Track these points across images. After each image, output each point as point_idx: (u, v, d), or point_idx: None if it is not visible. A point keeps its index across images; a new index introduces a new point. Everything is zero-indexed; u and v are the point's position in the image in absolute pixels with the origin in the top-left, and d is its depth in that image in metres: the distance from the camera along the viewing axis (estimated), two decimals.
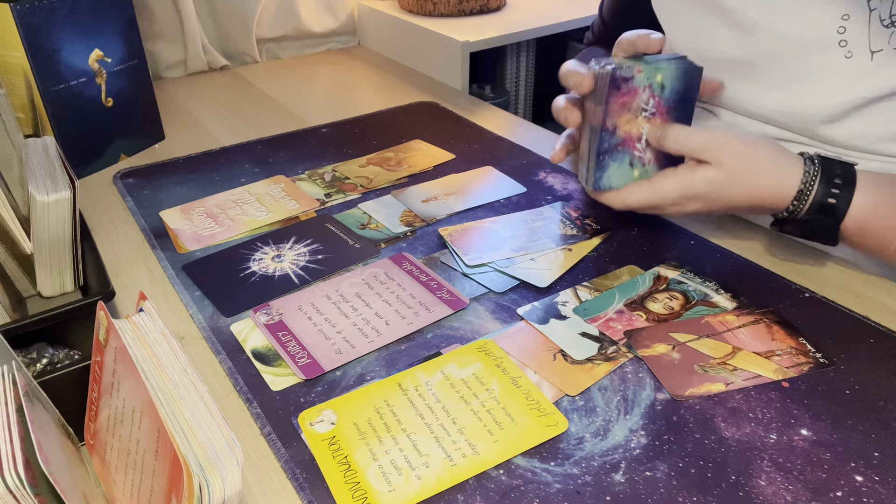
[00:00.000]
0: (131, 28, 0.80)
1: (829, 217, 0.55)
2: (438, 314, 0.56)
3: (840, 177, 0.54)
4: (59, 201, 0.53)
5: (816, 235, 0.57)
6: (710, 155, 0.56)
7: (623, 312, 0.56)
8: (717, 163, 0.56)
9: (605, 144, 0.59)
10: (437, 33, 1.09)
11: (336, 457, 0.44)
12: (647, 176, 0.60)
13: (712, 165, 0.56)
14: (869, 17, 0.55)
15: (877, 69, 0.56)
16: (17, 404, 0.34)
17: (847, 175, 0.55)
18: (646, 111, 0.59)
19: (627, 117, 0.59)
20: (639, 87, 0.58)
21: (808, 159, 0.56)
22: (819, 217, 0.55)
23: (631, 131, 0.59)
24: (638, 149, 0.60)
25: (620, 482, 0.42)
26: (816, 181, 0.55)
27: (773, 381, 0.49)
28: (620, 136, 0.59)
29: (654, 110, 0.59)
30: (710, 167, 0.56)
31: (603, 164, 0.60)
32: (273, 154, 0.84)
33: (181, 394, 0.35)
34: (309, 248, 0.65)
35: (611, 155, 0.60)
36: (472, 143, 0.86)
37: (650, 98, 0.58)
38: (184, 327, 0.56)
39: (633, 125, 0.59)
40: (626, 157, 0.60)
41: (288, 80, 1.11)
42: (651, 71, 0.57)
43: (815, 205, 0.55)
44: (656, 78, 0.58)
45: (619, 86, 0.57)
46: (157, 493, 0.34)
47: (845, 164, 0.55)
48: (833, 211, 0.54)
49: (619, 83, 0.57)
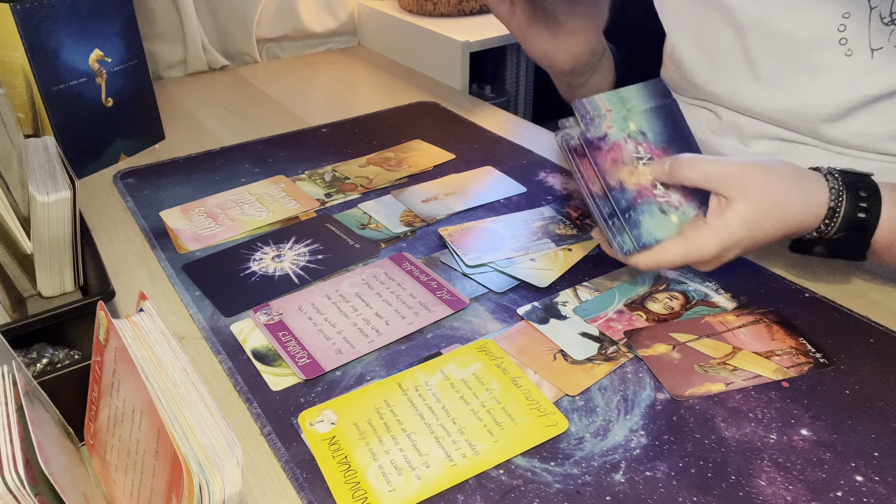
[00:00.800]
0: (131, 28, 0.80)
1: (861, 232, 0.52)
2: (438, 314, 0.56)
3: (864, 189, 0.52)
4: (59, 201, 0.53)
5: (846, 253, 0.54)
6: (733, 186, 0.51)
7: (623, 312, 0.56)
8: (744, 194, 0.51)
9: (622, 203, 0.53)
10: (437, 33, 1.09)
11: (336, 457, 0.44)
12: (686, 218, 0.54)
13: (740, 200, 0.51)
14: (869, 14, 0.55)
15: (877, 67, 0.56)
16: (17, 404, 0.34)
17: (871, 187, 0.52)
18: (642, 159, 0.54)
19: (627, 170, 0.53)
20: (618, 140, 0.53)
21: (828, 174, 0.53)
22: (850, 233, 0.52)
23: (640, 182, 0.54)
24: (659, 195, 0.54)
25: (620, 482, 0.42)
26: (844, 197, 0.51)
27: (773, 381, 0.49)
28: (633, 190, 0.54)
29: (649, 155, 0.54)
30: (739, 202, 0.51)
31: (633, 221, 0.53)
32: (273, 154, 0.84)
33: (181, 394, 0.35)
34: (309, 248, 0.65)
35: (635, 210, 0.53)
36: (472, 143, 0.86)
37: (637, 146, 0.54)
38: (184, 327, 0.56)
39: (637, 176, 0.54)
40: (654, 206, 0.54)
41: (288, 80, 1.11)
42: (621, 123, 0.53)
43: (845, 221, 0.52)
44: (630, 127, 0.53)
45: (599, 146, 0.52)
46: (157, 493, 0.34)
47: (865, 176, 0.53)
48: (864, 225, 0.52)
49: (597, 143, 0.52)
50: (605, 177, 0.53)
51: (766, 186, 0.51)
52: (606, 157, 0.53)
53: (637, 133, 0.54)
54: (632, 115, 0.54)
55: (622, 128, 0.53)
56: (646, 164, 0.54)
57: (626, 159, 0.53)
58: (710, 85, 0.68)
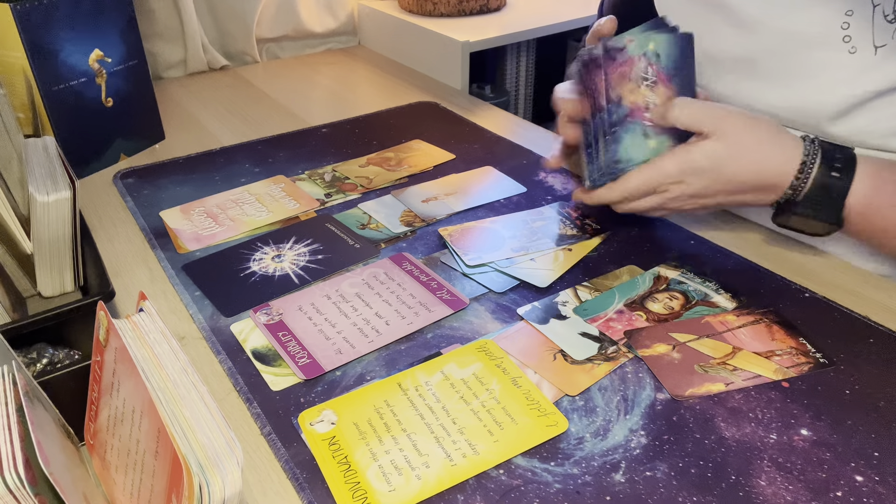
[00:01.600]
0: (131, 28, 0.80)
1: (833, 194, 0.55)
2: (438, 314, 0.56)
3: (840, 156, 0.55)
4: (59, 201, 0.53)
5: (821, 216, 0.57)
6: (713, 126, 0.56)
7: (623, 312, 0.56)
8: (720, 134, 0.56)
9: (612, 117, 0.58)
10: (437, 33, 1.09)
11: (336, 457, 0.44)
12: (663, 147, 0.59)
13: (713, 138, 0.56)
14: (872, 12, 0.55)
15: (880, 64, 0.56)
16: (17, 404, 0.34)
17: (847, 155, 0.56)
18: (647, 80, 0.57)
19: (630, 87, 0.57)
20: (634, 56, 0.57)
21: (808, 139, 0.57)
22: (823, 194, 0.55)
23: (637, 101, 0.58)
24: (647, 118, 0.58)
25: (620, 482, 0.42)
26: (818, 158, 0.55)
27: (773, 381, 0.49)
28: (627, 107, 0.58)
29: (654, 79, 0.57)
30: (710, 140, 0.56)
31: (616, 136, 0.58)
32: (273, 154, 0.84)
33: (181, 394, 0.35)
34: (309, 248, 0.65)
35: (622, 126, 0.58)
36: (472, 143, 0.86)
37: (648, 67, 0.57)
38: (184, 327, 0.56)
39: (637, 95, 0.57)
40: (639, 127, 0.58)
41: (288, 80, 1.11)
42: (642, 40, 0.57)
43: (817, 181, 0.55)
44: (649, 46, 0.57)
45: (615, 56, 0.56)
46: (157, 493, 0.34)
47: (844, 148, 0.56)
48: (836, 187, 0.55)
49: (613, 54, 0.56)
50: (609, 88, 0.57)
51: (743, 132, 0.56)
52: (617, 69, 0.57)
53: (653, 54, 0.57)
54: (653, 37, 0.57)
55: (642, 44, 0.57)
56: (648, 86, 0.58)
57: (633, 76, 0.58)
58: (712, 84, 0.68)
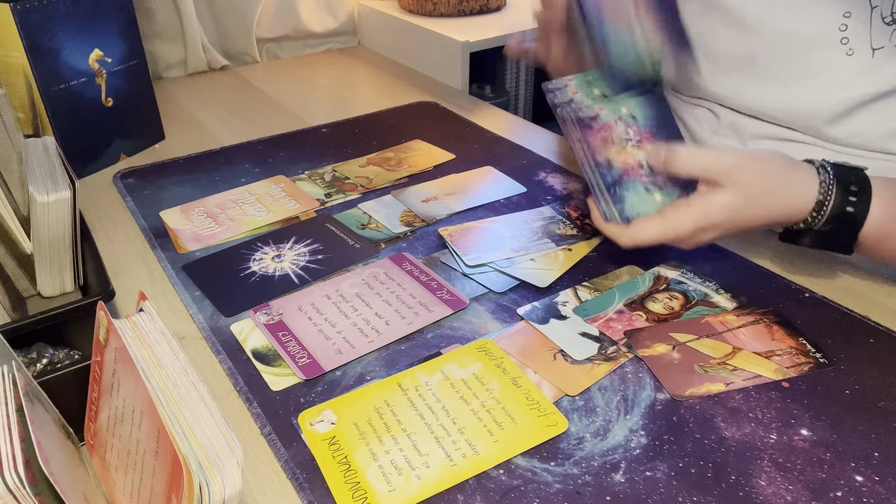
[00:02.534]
0: (131, 28, 0.80)
1: (848, 226, 0.53)
2: (438, 314, 0.56)
3: (855, 184, 0.52)
4: (59, 201, 0.53)
5: (833, 246, 0.55)
6: (725, 176, 0.53)
7: (623, 312, 0.56)
8: (733, 185, 0.52)
9: (608, 178, 0.56)
10: (437, 33, 1.09)
11: (336, 457, 0.44)
12: (670, 199, 0.56)
13: (727, 188, 0.52)
14: (870, 14, 0.55)
15: (877, 66, 0.56)
16: (17, 404, 0.34)
17: (862, 181, 0.53)
18: (631, 140, 0.55)
19: (616, 149, 0.56)
20: (609, 122, 0.55)
21: (821, 168, 0.53)
22: (838, 226, 0.53)
23: (627, 161, 0.56)
24: (644, 175, 0.56)
25: (620, 482, 0.42)
26: (833, 190, 0.52)
27: (773, 381, 0.49)
28: (619, 168, 0.56)
29: (638, 138, 0.56)
30: (725, 191, 0.52)
31: (618, 196, 0.56)
32: (273, 154, 0.84)
33: (181, 394, 0.35)
34: (309, 248, 0.65)
35: (621, 186, 0.56)
36: (472, 143, 0.86)
37: (627, 129, 0.55)
38: (184, 327, 0.56)
39: (625, 155, 0.56)
40: (638, 184, 0.56)
41: (288, 80, 1.11)
42: (612, 106, 0.55)
43: (833, 215, 0.52)
44: (622, 110, 0.55)
45: (590, 125, 0.55)
46: (157, 494, 0.34)
47: (857, 170, 0.53)
48: (852, 219, 0.52)
49: (587, 122, 0.55)
50: (595, 153, 0.56)
51: (757, 178, 0.53)
52: (597, 136, 0.56)
53: (628, 116, 0.56)
54: (623, 101, 0.56)
55: (614, 110, 0.56)
56: (634, 146, 0.56)
57: (615, 139, 0.56)
58: (710, 84, 0.68)
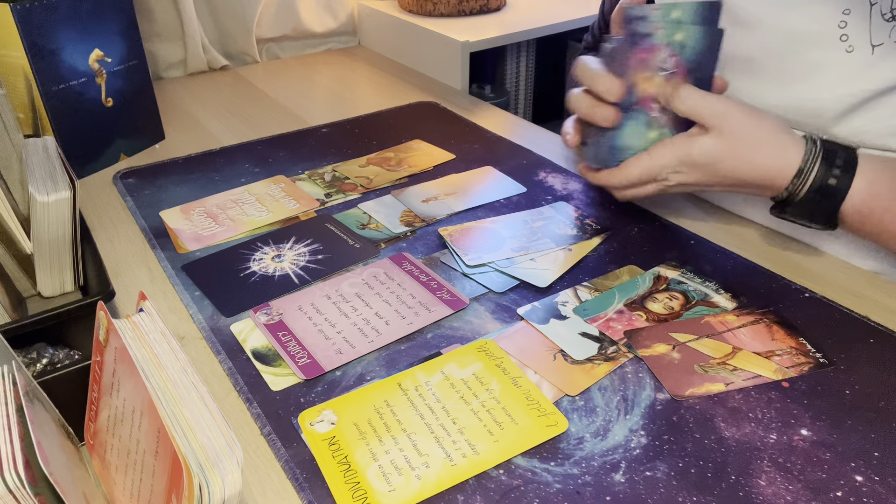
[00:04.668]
0: (131, 28, 0.80)
1: (829, 199, 0.55)
2: (438, 314, 0.56)
3: (842, 159, 0.55)
4: (59, 201, 0.53)
5: (816, 218, 0.57)
6: (714, 121, 0.56)
7: (623, 312, 0.56)
8: (719, 131, 0.56)
9: (621, 103, 0.57)
10: (437, 33, 1.09)
11: (336, 457, 0.44)
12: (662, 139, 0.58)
13: (712, 133, 0.56)
14: (870, 10, 0.55)
15: (877, 63, 0.56)
16: (17, 404, 0.34)
17: (849, 158, 0.55)
18: (665, 70, 0.56)
19: (645, 75, 0.56)
20: (658, 44, 0.55)
21: (811, 140, 0.56)
22: (819, 198, 0.55)
23: (648, 90, 0.57)
24: (654, 109, 0.58)
25: (620, 482, 0.42)
26: (818, 162, 0.55)
27: (773, 381, 0.49)
28: (637, 95, 0.57)
29: (673, 70, 0.56)
30: (709, 135, 0.56)
31: (619, 123, 0.58)
32: (273, 154, 0.84)
33: (181, 394, 0.35)
34: (309, 248, 0.65)
35: (627, 113, 0.58)
36: (472, 143, 0.86)
37: (670, 57, 0.56)
38: (184, 327, 0.56)
39: (650, 84, 0.57)
40: (643, 115, 0.58)
41: (288, 80, 1.11)
42: (672, 28, 0.55)
43: (814, 186, 0.55)
44: (675, 37, 0.55)
45: (637, 41, 0.55)
46: (157, 493, 0.34)
47: (847, 148, 0.56)
48: (833, 193, 0.55)
49: (637, 39, 0.55)
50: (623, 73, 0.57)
51: (744, 130, 0.55)
52: (637, 55, 0.56)
53: (678, 45, 0.56)
54: (684, 27, 0.56)
55: (670, 33, 0.56)
56: (665, 77, 0.57)
57: (651, 64, 0.57)
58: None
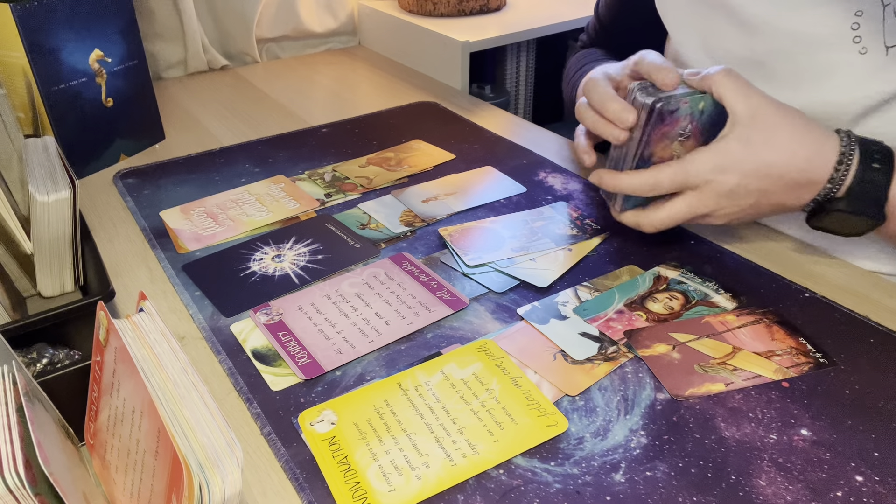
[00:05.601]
0: (131, 28, 0.80)
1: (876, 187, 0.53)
2: (438, 314, 0.56)
3: (877, 149, 0.54)
4: (59, 201, 0.53)
5: (864, 210, 0.54)
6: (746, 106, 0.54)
7: (623, 312, 0.56)
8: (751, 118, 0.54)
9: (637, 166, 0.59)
10: (437, 33, 1.09)
11: (336, 457, 0.44)
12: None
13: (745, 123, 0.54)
14: (883, 11, 0.54)
15: (892, 64, 0.55)
16: (17, 404, 0.34)
17: (883, 148, 0.54)
18: (682, 136, 0.57)
19: (664, 144, 0.58)
20: (681, 116, 0.56)
21: (842, 132, 0.55)
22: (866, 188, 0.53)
23: (664, 156, 0.58)
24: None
25: (620, 482, 0.42)
26: (857, 149, 0.54)
27: (773, 381, 0.49)
28: (653, 163, 0.58)
29: (689, 133, 0.57)
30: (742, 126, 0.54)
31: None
32: (273, 154, 0.84)
33: (181, 394, 0.35)
34: (309, 248, 0.65)
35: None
36: (472, 143, 0.86)
37: (689, 124, 0.57)
38: (184, 327, 0.56)
39: (666, 150, 0.58)
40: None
41: (288, 80, 1.11)
42: (696, 101, 0.56)
43: (858, 174, 0.53)
44: (699, 105, 0.56)
45: (664, 118, 0.56)
46: (157, 493, 0.34)
47: (878, 141, 0.55)
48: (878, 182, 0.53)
49: (664, 116, 0.56)
50: (644, 147, 0.57)
51: (775, 116, 0.54)
52: (660, 130, 0.57)
53: (699, 112, 0.57)
54: (706, 97, 0.57)
55: (693, 105, 0.56)
56: (681, 141, 0.57)
57: (672, 135, 0.57)
58: None
